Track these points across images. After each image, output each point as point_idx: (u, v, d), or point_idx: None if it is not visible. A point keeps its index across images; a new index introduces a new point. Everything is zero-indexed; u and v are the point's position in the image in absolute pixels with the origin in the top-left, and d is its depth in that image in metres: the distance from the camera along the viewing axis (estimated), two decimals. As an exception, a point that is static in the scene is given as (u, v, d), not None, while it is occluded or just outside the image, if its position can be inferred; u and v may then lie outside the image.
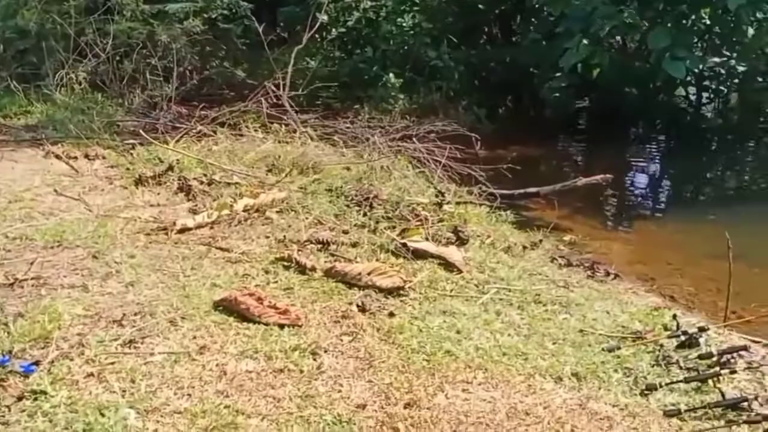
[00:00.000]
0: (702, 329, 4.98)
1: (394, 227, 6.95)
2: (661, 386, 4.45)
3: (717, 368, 4.63)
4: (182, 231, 6.53)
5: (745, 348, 4.77)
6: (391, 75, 14.40)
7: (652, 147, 14.45)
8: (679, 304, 6.23)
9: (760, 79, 14.41)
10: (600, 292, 6.08)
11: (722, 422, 4.14)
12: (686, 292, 6.58)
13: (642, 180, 12.52)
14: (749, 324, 5.67)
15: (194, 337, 4.73)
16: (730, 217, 9.61)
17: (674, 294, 6.50)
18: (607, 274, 6.56)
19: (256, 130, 10.05)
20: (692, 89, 15.17)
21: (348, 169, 8.85)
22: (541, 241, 7.53)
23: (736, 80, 14.65)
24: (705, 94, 15.23)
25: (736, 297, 6.14)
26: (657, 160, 13.85)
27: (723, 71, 14.42)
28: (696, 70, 13.76)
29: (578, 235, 8.14)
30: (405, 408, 4.18)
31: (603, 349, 4.93)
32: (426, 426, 4.02)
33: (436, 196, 7.58)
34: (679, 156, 14.26)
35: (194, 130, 9.82)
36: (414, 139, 9.43)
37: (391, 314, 5.22)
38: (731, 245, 5.71)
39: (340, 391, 4.28)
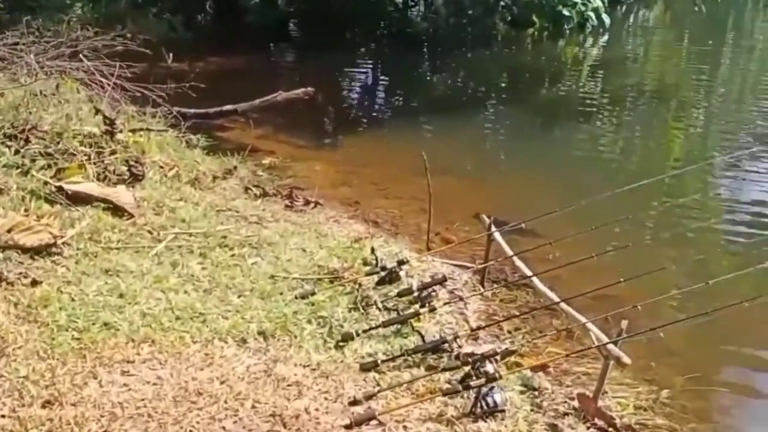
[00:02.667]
0: (401, 262, 4.66)
1: (51, 166, 5.85)
2: (358, 334, 4.06)
3: (417, 306, 4.34)
4: None
5: (444, 280, 4.51)
6: (63, -22, 12.68)
7: (362, 55, 14.28)
8: (383, 230, 5.93)
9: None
10: (297, 225, 5.59)
11: (422, 370, 3.83)
12: (391, 216, 6.31)
13: (351, 91, 12.28)
14: (452, 246, 5.49)
15: None
16: (438, 129, 9.65)
17: (378, 218, 6.20)
18: (307, 202, 6.09)
19: None
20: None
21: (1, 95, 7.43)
22: (235, 167, 6.88)
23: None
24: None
25: (440, 216, 5.97)
26: (367, 69, 13.70)
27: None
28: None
29: (279, 157, 7.59)
30: (43, 408, 3.38)
31: (296, 297, 4.44)
32: (67, 430, 3.25)
33: (105, 123, 6.54)
34: (390, 64, 14.25)
35: None
36: (82, 56, 8.14)
37: (35, 282, 4.31)
38: (428, 165, 5.45)
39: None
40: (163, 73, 9.10)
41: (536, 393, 3.80)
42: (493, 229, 4.91)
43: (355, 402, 3.54)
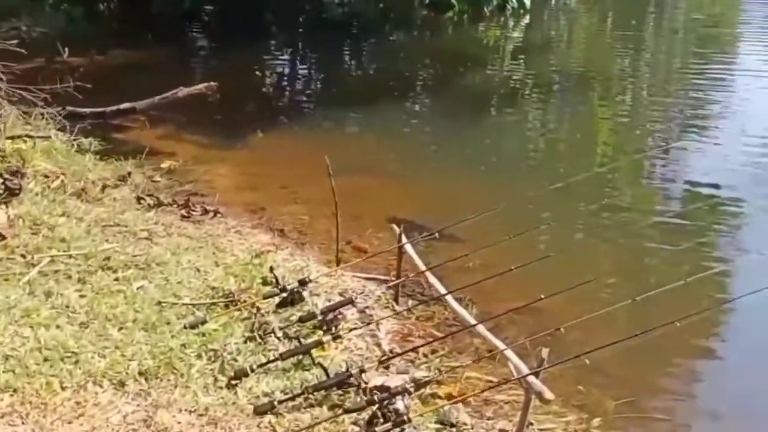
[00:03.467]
0: (303, 282, 4.25)
1: None
2: (253, 370, 3.65)
3: (321, 332, 3.94)
4: None
5: (351, 301, 4.13)
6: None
7: (279, 44, 13.73)
8: (289, 240, 5.52)
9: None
10: (193, 239, 5.13)
11: (325, 409, 3.44)
12: (299, 222, 5.89)
13: (264, 83, 11.74)
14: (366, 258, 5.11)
15: None
16: (355, 122, 9.29)
17: (285, 226, 5.76)
18: (205, 211, 5.62)
19: None
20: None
21: None
22: (130, 174, 6.38)
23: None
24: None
25: (353, 222, 5.61)
26: (283, 59, 13.18)
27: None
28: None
29: (180, 160, 7.08)
30: None
31: (185, 327, 4.00)
32: None
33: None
34: (307, 52, 13.80)
35: None
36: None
37: None
38: (342, 163, 5.08)
39: None
40: (58, 69, 8.49)
41: (454, 430, 3.45)
42: (404, 240, 4.53)
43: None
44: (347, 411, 3.31)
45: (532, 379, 3.20)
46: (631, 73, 12.04)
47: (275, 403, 3.41)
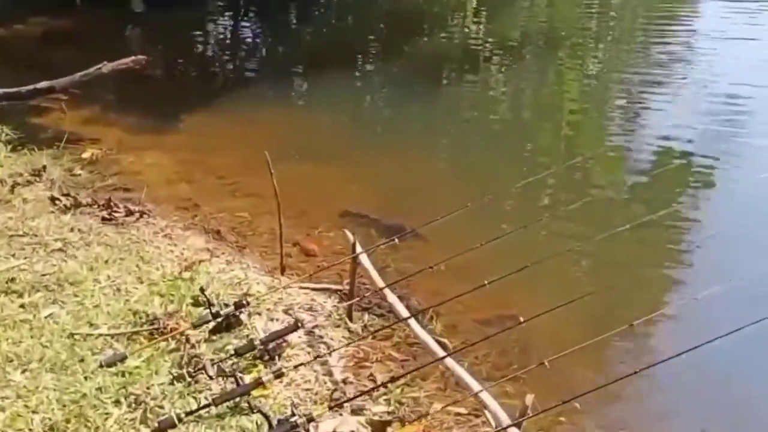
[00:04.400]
0: (239, 305, 3.73)
1: None
2: (181, 419, 3.12)
3: (262, 366, 3.45)
4: None
5: (296, 328, 3.63)
6: None
7: (219, 10, 12.97)
8: (226, 243, 4.96)
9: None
10: (114, 249, 4.57)
11: (268, 470, 2.95)
12: (238, 221, 5.33)
13: (202, 55, 11.03)
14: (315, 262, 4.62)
15: None
16: (303, 99, 8.75)
17: (222, 226, 5.19)
18: (129, 212, 5.04)
19: None
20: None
21: None
22: (45, 168, 5.73)
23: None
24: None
25: (300, 219, 5.12)
26: (224, 27, 12.43)
27: None
28: None
29: (104, 148, 6.45)
30: None
31: (101, 365, 3.46)
32: None
33: None
34: (250, 18, 13.05)
35: None
36: None
37: None
38: (287, 148, 4.55)
39: None
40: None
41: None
42: (359, 249, 4.03)
43: None
44: (292, 477, 2.82)
45: (513, 432, 2.74)
46: (597, 34, 11.59)
47: (206, 465, 2.91)
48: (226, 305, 3.87)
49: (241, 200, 5.62)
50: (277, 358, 3.60)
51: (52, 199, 5.16)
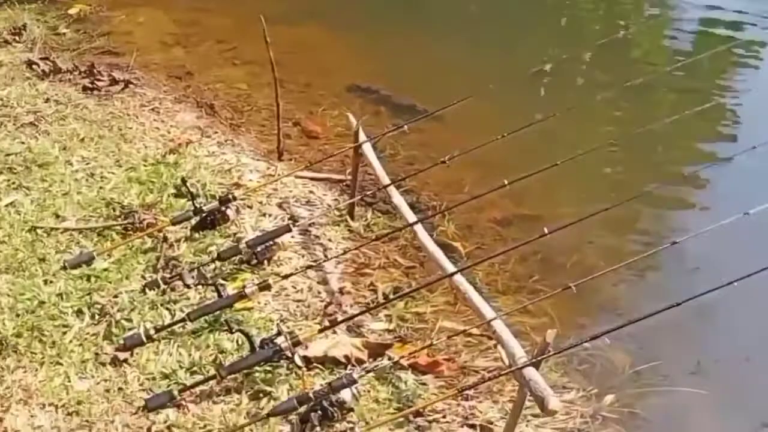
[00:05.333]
0: (225, 201, 3.27)
1: None
2: (150, 336, 2.77)
3: (249, 271, 3.03)
4: None
5: (288, 230, 3.18)
6: None
7: None
8: (220, 120, 4.43)
9: None
10: (93, 124, 4.16)
11: (245, 399, 2.60)
12: (235, 94, 4.71)
13: None
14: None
15: None
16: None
17: (217, 100, 4.62)
18: (114, 81, 4.53)
19: None
20: None
21: None
22: (25, 26, 5.18)
23: None
24: None
25: (304, 94, 4.61)
26: None
27: None
28: None
29: (93, 3, 5.82)
30: None
31: (64, 266, 3.11)
32: None
33: None
34: None
35: None
36: None
37: None
38: (273, 35, 3.90)
39: None
40: None
41: (420, 420, 2.61)
42: (362, 138, 3.51)
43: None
44: (271, 415, 2.44)
45: (531, 374, 2.31)
46: None
47: (175, 394, 2.53)
48: (213, 197, 3.44)
49: (240, 69, 5.06)
50: (266, 262, 3.19)
51: (29, 64, 4.64)
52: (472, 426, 2.59)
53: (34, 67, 4.62)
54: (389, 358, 2.78)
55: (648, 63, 5.61)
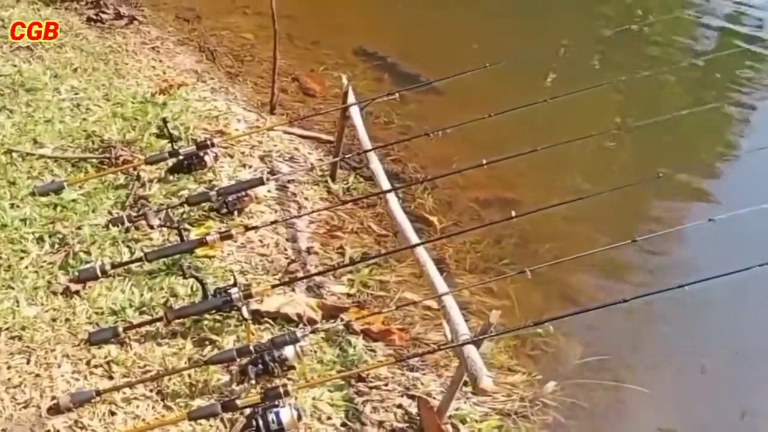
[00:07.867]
0: (203, 146, 3.24)
1: None
2: (105, 272, 2.78)
3: (218, 219, 3.02)
4: None
5: (261, 182, 3.15)
6: None
7: None
8: (219, 67, 4.41)
9: None
10: (89, 56, 4.10)
11: (189, 343, 2.61)
12: (239, 43, 4.69)
13: None
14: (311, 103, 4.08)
15: None
16: None
17: (220, 47, 4.59)
18: (119, 16, 4.54)
19: None
20: None
21: None
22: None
23: None
24: None
25: (308, 50, 4.55)
26: None
27: None
28: None
29: None
30: None
31: (33, 192, 3.10)
32: None
33: None
34: None
35: None
36: None
37: None
38: None
39: None
40: None
41: (362, 385, 2.60)
42: (351, 99, 3.47)
43: (56, 409, 2.30)
44: (209, 363, 2.43)
45: (469, 351, 2.29)
46: None
47: (120, 331, 2.53)
48: (195, 141, 3.41)
49: (249, 19, 5.01)
50: (236, 213, 3.18)
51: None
52: (412, 396, 2.58)
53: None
54: (342, 321, 2.77)
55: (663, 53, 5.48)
